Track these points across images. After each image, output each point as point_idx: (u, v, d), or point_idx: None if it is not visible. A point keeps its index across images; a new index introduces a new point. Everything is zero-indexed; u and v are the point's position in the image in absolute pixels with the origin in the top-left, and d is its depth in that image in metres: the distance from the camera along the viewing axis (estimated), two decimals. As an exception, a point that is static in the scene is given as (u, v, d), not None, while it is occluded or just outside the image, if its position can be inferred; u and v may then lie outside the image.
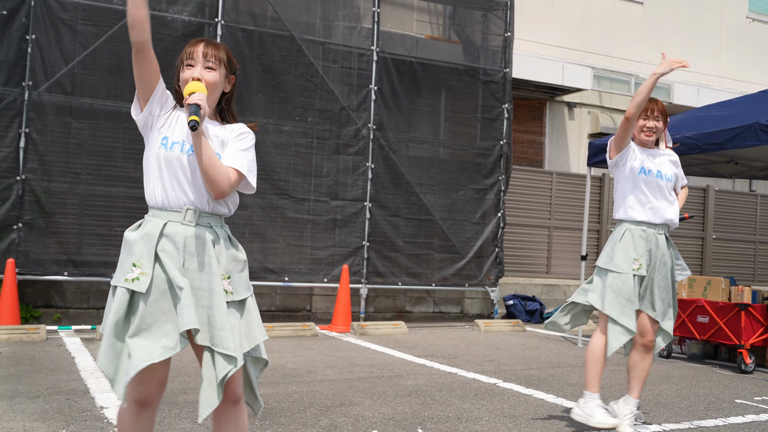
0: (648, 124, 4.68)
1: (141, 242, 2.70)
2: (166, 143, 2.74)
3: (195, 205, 2.73)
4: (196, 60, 2.78)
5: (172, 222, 2.71)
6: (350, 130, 10.29)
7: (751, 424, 5.19)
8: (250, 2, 9.82)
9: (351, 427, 4.62)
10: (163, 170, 2.73)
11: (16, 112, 8.59)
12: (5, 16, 8.54)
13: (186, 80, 2.77)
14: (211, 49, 2.81)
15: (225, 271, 2.77)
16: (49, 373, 5.96)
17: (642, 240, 4.57)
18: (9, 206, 8.52)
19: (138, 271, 2.66)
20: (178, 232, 2.70)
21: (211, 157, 2.67)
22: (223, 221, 2.88)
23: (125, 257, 2.71)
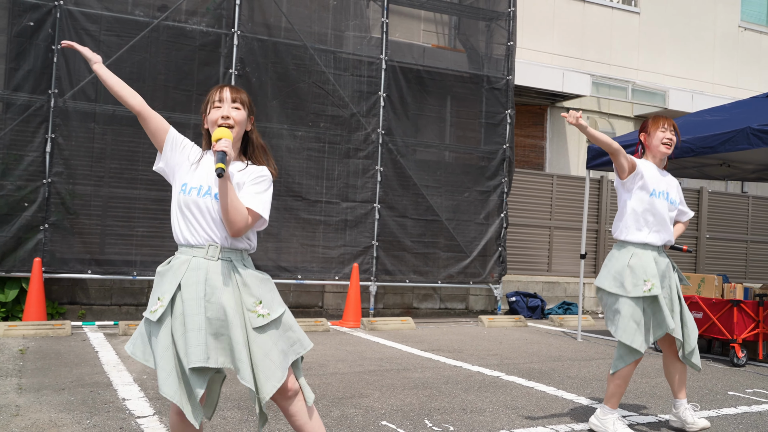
0: (667, 136, 4.55)
1: (167, 276, 2.88)
2: (186, 189, 2.91)
3: (216, 242, 2.87)
4: (224, 101, 2.92)
5: (196, 257, 2.86)
6: (360, 135, 10.40)
7: (743, 415, 5.21)
8: (264, 13, 9.92)
9: (361, 418, 4.65)
10: (185, 212, 2.90)
11: (43, 119, 8.70)
12: (32, 27, 8.67)
13: (214, 120, 2.91)
14: (235, 93, 2.94)
15: (255, 298, 2.88)
16: (73, 366, 6.05)
17: (652, 262, 4.43)
18: (36, 208, 8.64)
19: (158, 304, 2.84)
20: (201, 266, 2.84)
21: (233, 200, 2.79)
22: (246, 255, 2.99)
23: (154, 289, 2.91)
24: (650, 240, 4.49)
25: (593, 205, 13.44)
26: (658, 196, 4.51)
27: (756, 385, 6.50)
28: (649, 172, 4.54)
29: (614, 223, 4.67)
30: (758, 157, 9.12)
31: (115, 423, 4.36)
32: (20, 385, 5.27)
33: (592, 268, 13.50)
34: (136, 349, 2.93)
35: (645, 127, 4.68)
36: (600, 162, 9.03)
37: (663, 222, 4.53)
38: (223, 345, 2.82)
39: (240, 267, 2.93)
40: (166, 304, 2.82)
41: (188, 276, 2.84)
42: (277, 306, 2.94)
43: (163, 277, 2.91)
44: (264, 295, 2.92)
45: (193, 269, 2.85)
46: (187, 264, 2.87)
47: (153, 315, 2.83)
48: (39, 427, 4.21)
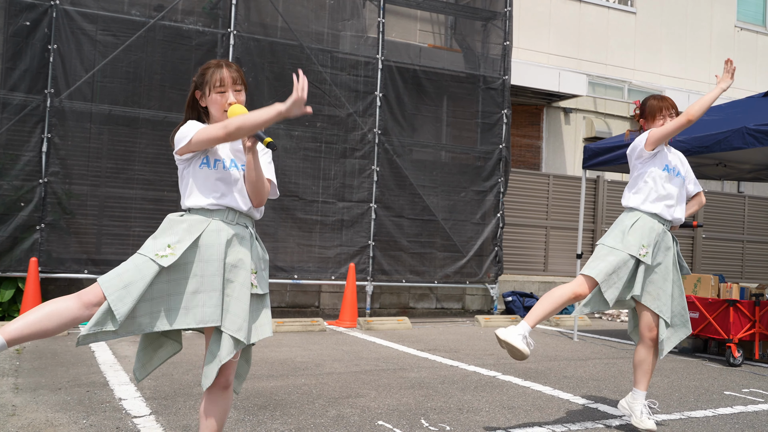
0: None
1: (184, 230, 2.93)
2: (208, 162, 3.00)
3: (234, 207, 3.01)
4: (227, 85, 3.01)
5: (215, 220, 2.98)
6: (356, 134, 10.42)
7: (739, 414, 5.21)
8: (261, 13, 9.94)
9: (357, 418, 4.64)
10: (207, 182, 2.99)
11: (39, 118, 8.70)
12: (28, 26, 8.68)
13: (222, 105, 3.01)
14: (234, 72, 3.03)
15: (254, 267, 3.03)
16: (70, 366, 6.04)
17: (653, 232, 4.46)
18: (32, 208, 8.64)
19: (169, 251, 2.88)
20: (222, 228, 2.96)
21: (261, 173, 2.99)
22: (254, 223, 3.15)
23: (161, 233, 2.94)
24: (659, 211, 4.52)
25: (589, 204, 13.47)
26: (670, 171, 4.57)
27: (752, 384, 6.51)
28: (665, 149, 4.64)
29: (625, 192, 4.70)
30: (754, 157, 9.13)
31: (112, 423, 4.36)
32: (17, 385, 5.27)
33: (588, 268, 13.48)
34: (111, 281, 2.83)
35: (643, 115, 4.69)
36: (596, 162, 9.04)
37: (674, 197, 4.57)
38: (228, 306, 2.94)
39: (252, 234, 3.08)
40: (178, 254, 2.87)
41: (206, 237, 2.93)
42: (265, 286, 3.09)
43: (176, 225, 2.95)
44: (260, 270, 3.08)
45: (212, 230, 2.94)
46: (205, 224, 2.96)
47: (163, 260, 2.84)
48: (35, 426, 4.21)
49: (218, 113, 3.03)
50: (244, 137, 2.92)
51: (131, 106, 9.16)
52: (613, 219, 13.59)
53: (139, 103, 9.20)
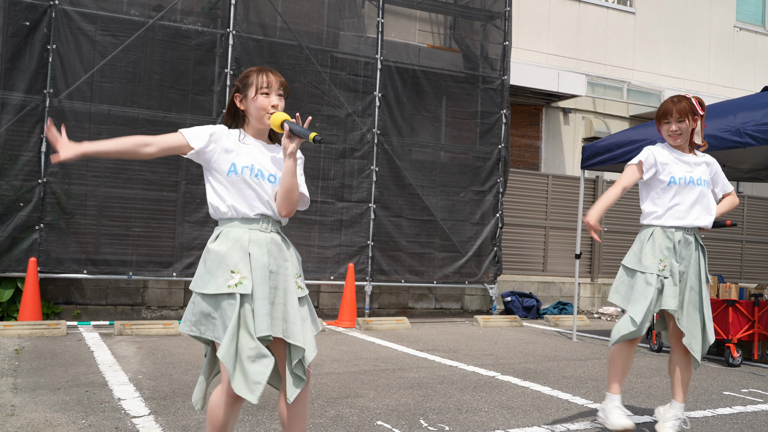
0: (671, 128, 4.47)
1: (234, 250, 2.92)
2: (235, 169, 2.96)
3: (268, 215, 3.00)
4: (272, 89, 3.03)
5: (252, 230, 2.97)
6: (356, 135, 10.43)
7: (738, 414, 5.21)
8: (260, 13, 9.95)
9: (356, 418, 4.65)
10: (237, 190, 2.96)
11: (38, 118, 8.70)
12: (28, 26, 8.68)
13: (265, 107, 3.01)
14: (280, 78, 3.06)
15: (297, 271, 3.04)
16: (69, 366, 6.05)
17: (669, 241, 4.39)
18: (31, 208, 8.64)
19: (238, 276, 2.87)
20: (261, 238, 2.95)
21: (297, 180, 2.98)
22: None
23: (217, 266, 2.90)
24: (674, 223, 4.44)
25: (588, 204, 13.34)
26: (678, 182, 4.43)
27: (751, 385, 6.51)
28: (663, 158, 4.50)
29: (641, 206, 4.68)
30: (753, 157, 9.14)
31: (111, 423, 4.36)
32: (16, 385, 5.28)
33: (587, 268, 13.53)
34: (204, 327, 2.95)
35: (657, 117, 4.64)
36: (595, 162, 9.05)
37: (688, 206, 4.45)
38: (276, 314, 2.94)
39: (286, 240, 3.10)
40: (248, 275, 2.90)
41: (252, 245, 2.94)
42: (305, 286, 3.13)
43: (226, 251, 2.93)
44: (301, 272, 3.12)
45: (254, 241, 2.95)
46: (247, 235, 2.96)
47: (241, 288, 2.86)
48: (34, 426, 4.22)
49: (258, 114, 3.03)
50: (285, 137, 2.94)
51: (130, 106, 9.17)
52: (612, 219, 13.64)
53: (139, 103, 9.21)
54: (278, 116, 2.96)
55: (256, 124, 3.07)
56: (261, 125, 3.06)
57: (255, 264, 2.92)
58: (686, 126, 4.44)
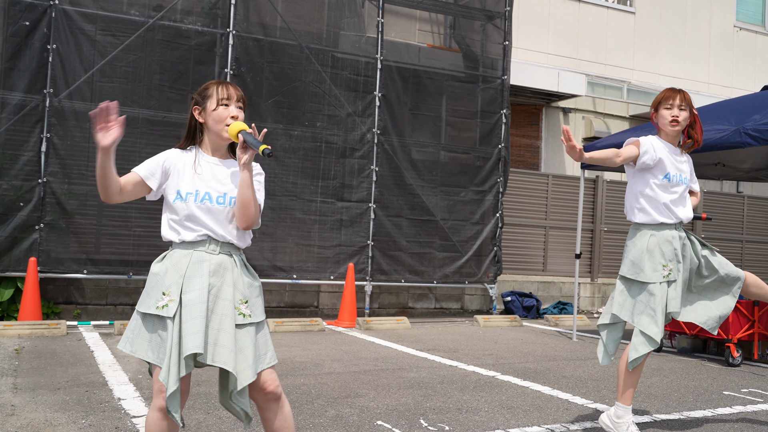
0: (673, 113, 4.35)
1: (171, 272, 2.92)
2: (180, 195, 2.95)
3: (215, 237, 2.95)
4: (232, 101, 3.00)
5: (198, 251, 2.94)
6: (356, 134, 10.43)
7: (738, 414, 5.22)
8: (260, 13, 9.94)
9: (356, 418, 4.66)
10: (183, 215, 2.94)
11: (38, 118, 8.71)
12: (28, 26, 8.68)
13: (223, 119, 2.97)
14: (238, 92, 3.03)
15: (242, 296, 2.96)
16: (69, 366, 6.06)
17: (668, 243, 4.30)
18: (31, 208, 8.65)
19: (167, 298, 2.87)
20: (204, 259, 2.92)
21: (253, 192, 2.92)
22: (241, 253, 3.06)
23: (152, 286, 2.92)
24: (665, 220, 4.34)
25: (588, 204, 13.47)
26: (671, 180, 4.36)
27: (751, 384, 6.52)
28: (661, 153, 4.38)
29: (627, 203, 4.52)
30: (753, 156, 9.15)
31: (111, 422, 4.37)
32: (16, 385, 5.28)
33: (587, 268, 13.54)
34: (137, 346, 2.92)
35: (654, 104, 4.48)
36: (595, 162, 9.02)
37: (678, 201, 4.40)
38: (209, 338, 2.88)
39: (237, 263, 3.01)
40: (176, 298, 2.88)
41: (191, 269, 2.91)
42: (260, 312, 3.04)
43: (164, 273, 2.94)
44: (250, 296, 3.01)
45: (195, 262, 2.92)
46: (188, 257, 2.94)
47: (165, 310, 2.86)
48: (34, 426, 4.22)
49: (217, 127, 3.00)
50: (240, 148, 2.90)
51: (130, 106, 9.16)
52: (612, 219, 13.63)
53: (139, 102, 9.21)
54: (236, 126, 2.94)
55: (215, 138, 3.03)
56: (219, 139, 3.02)
57: (190, 286, 2.89)
58: (686, 116, 4.37)
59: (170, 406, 2.81)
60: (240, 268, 3.01)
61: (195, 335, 2.81)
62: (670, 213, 4.36)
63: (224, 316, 2.91)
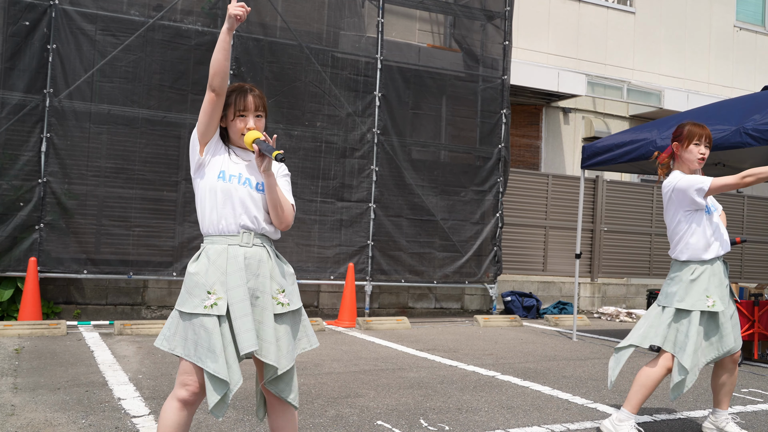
0: (701, 150, 4.36)
1: (211, 270, 2.95)
2: (224, 176, 3.00)
3: (249, 228, 3.00)
4: (249, 111, 3.05)
5: (231, 245, 2.97)
6: (356, 134, 10.44)
7: (738, 414, 5.19)
8: (260, 13, 9.94)
9: (356, 418, 4.67)
10: (220, 199, 2.99)
11: (38, 118, 8.71)
12: (28, 26, 8.69)
13: (240, 129, 3.04)
14: (258, 99, 3.07)
15: (279, 286, 3.02)
16: (69, 366, 6.07)
17: (715, 277, 4.31)
18: (31, 207, 8.65)
19: (214, 297, 2.91)
20: (239, 253, 2.96)
21: (281, 194, 3.01)
22: (272, 244, 3.12)
23: (194, 285, 2.94)
24: (714, 255, 4.35)
25: (588, 204, 13.47)
26: (709, 211, 4.39)
27: (751, 384, 6.53)
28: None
29: (675, 245, 4.45)
30: (753, 157, 9.14)
31: (111, 422, 4.37)
32: (16, 385, 5.29)
33: (587, 268, 13.54)
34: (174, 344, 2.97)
35: (680, 137, 4.45)
36: (595, 162, 9.05)
37: (721, 232, 4.42)
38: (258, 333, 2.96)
39: (271, 253, 3.07)
40: (224, 296, 2.92)
41: (230, 264, 2.96)
42: (297, 300, 3.09)
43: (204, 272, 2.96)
44: (287, 285, 3.07)
45: (232, 257, 2.96)
46: (225, 253, 2.98)
47: (215, 309, 2.89)
48: (34, 426, 4.22)
49: (235, 136, 3.08)
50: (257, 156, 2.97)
51: (130, 106, 9.17)
52: (612, 218, 13.64)
53: (139, 102, 9.22)
54: (250, 136, 2.99)
55: (235, 142, 3.12)
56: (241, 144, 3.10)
57: (232, 283, 2.93)
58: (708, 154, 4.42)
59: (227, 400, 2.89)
60: (274, 258, 3.07)
61: (248, 333, 2.88)
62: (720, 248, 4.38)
63: (264, 309, 2.97)
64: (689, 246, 4.37)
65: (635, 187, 14.08)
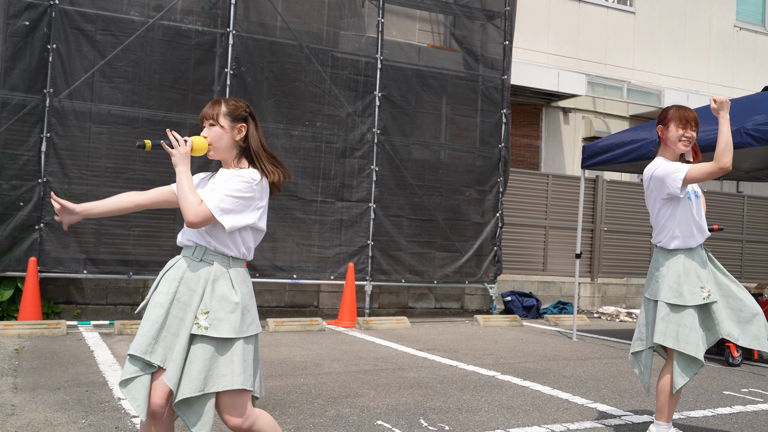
0: (687, 134, 4.28)
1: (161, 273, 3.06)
2: None
3: (201, 244, 2.99)
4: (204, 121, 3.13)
5: (185, 257, 3.02)
6: (356, 134, 10.44)
7: (738, 414, 5.25)
8: (260, 13, 9.95)
9: (356, 418, 4.68)
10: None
11: (38, 118, 8.72)
12: (28, 26, 8.69)
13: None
14: (209, 109, 3.10)
15: (204, 306, 2.91)
16: (69, 366, 6.08)
17: (701, 265, 4.26)
18: (31, 207, 8.66)
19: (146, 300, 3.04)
20: (183, 265, 2.99)
21: (182, 189, 2.94)
22: (233, 263, 3.02)
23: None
24: (697, 243, 4.30)
25: (588, 204, 13.47)
26: (691, 197, 4.31)
27: (751, 384, 6.53)
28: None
29: (658, 233, 4.36)
30: (753, 156, 9.14)
31: (111, 422, 4.37)
32: (16, 385, 5.29)
33: (587, 268, 13.54)
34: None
35: (664, 120, 4.38)
36: (595, 162, 9.06)
37: (701, 219, 4.35)
38: (168, 343, 2.89)
39: (219, 273, 2.98)
40: (148, 299, 3.02)
41: (170, 272, 3.01)
42: (225, 329, 2.90)
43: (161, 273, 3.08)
44: (215, 309, 2.92)
45: (176, 267, 3.01)
46: (175, 261, 3.05)
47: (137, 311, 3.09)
48: (34, 426, 4.23)
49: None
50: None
51: (131, 106, 9.18)
52: (612, 218, 13.64)
53: (139, 102, 9.22)
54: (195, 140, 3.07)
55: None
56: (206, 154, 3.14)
57: (162, 288, 2.97)
58: (695, 137, 4.34)
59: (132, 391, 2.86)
60: (219, 279, 2.97)
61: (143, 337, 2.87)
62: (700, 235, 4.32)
63: (183, 322, 2.91)
64: (676, 235, 4.28)
65: (635, 187, 14.07)
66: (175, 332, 2.89)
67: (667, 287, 4.22)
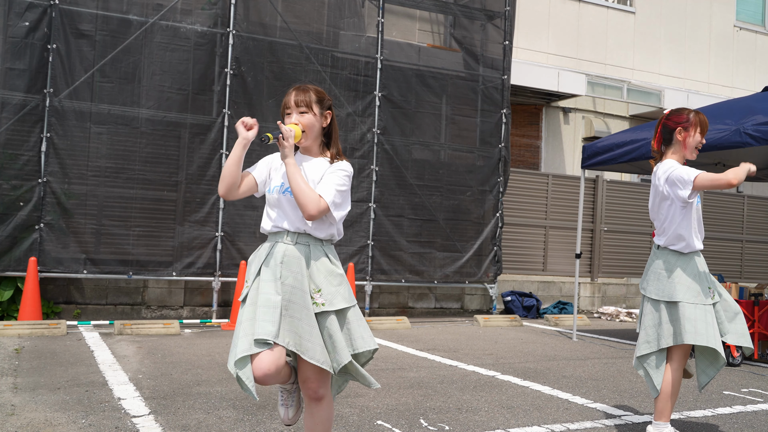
0: (703, 141, 4.34)
1: (253, 262, 3.18)
2: (270, 188, 3.22)
3: (293, 229, 3.13)
4: (292, 108, 3.18)
5: (278, 243, 3.14)
6: (356, 134, 10.43)
7: (738, 414, 5.25)
8: (260, 13, 9.96)
9: (356, 418, 4.68)
10: (273, 206, 3.20)
11: (38, 118, 8.73)
12: (28, 26, 8.70)
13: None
14: (300, 96, 3.18)
15: (315, 286, 3.11)
16: (69, 366, 6.08)
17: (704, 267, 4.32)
18: (31, 207, 8.67)
19: (246, 288, 3.15)
20: (279, 250, 3.12)
21: (299, 184, 3.04)
22: (326, 244, 3.21)
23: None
24: (702, 245, 4.34)
25: (588, 204, 13.47)
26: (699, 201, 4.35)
27: (751, 384, 6.54)
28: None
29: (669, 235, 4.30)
30: (753, 156, 9.13)
31: (111, 422, 4.37)
32: (16, 385, 5.29)
33: (587, 268, 13.54)
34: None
35: (686, 123, 4.31)
36: (595, 162, 9.06)
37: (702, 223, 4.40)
38: (291, 326, 3.03)
39: (316, 253, 3.15)
40: (250, 285, 3.13)
41: (268, 259, 3.13)
42: (339, 300, 3.11)
43: (251, 264, 3.21)
44: (325, 285, 3.11)
45: (273, 253, 3.13)
46: (269, 248, 3.16)
47: (242, 297, 3.14)
48: (34, 426, 4.23)
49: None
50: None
51: (131, 106, 9.18)
52: (612, 218, 13.63)
53: (139, 102, 9.22)
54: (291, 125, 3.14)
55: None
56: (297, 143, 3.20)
57: (265, 276, 3.10)
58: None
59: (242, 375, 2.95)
60: (318, 258, 3.14)
61: (263, 323, 2.98)
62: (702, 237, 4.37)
63: (303, 308, 3.06)
64: (685, 238, 4.26)
65: (635, 187, 14.08)
66: (298, 316, 3.04)
67: (684, 288, 4.21)
